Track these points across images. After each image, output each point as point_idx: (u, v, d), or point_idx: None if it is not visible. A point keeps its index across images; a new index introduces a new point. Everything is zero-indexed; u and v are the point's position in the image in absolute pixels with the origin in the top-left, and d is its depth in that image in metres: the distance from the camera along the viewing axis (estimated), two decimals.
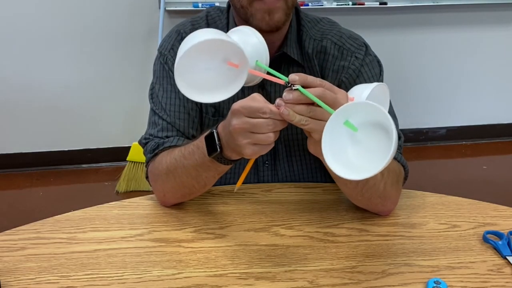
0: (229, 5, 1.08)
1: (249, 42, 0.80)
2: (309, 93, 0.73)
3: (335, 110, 0.71)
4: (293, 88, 0.74)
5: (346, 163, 0.70)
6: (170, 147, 1.00)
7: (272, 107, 0.76)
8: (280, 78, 0.75)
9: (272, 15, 0.93)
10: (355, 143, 0.71)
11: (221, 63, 0.76)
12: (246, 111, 0.76)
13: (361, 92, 0.79)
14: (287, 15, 0.96)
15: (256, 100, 0.77)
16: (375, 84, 0.80)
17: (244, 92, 1.05)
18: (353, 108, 0.69)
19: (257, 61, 0.80)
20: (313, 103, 0.74)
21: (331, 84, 0.76)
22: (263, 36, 0.82)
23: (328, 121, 0.69)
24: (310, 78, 0.75)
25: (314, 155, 0.81)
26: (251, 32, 0.82)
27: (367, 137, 0.70)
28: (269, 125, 0.76)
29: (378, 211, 0.99)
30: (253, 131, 0.76)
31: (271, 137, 0.77)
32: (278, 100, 0.75)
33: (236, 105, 0.78)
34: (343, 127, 0.70)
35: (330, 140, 0.69)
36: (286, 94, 0.74)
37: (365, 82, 1.02)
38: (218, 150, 0.84)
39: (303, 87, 0.74)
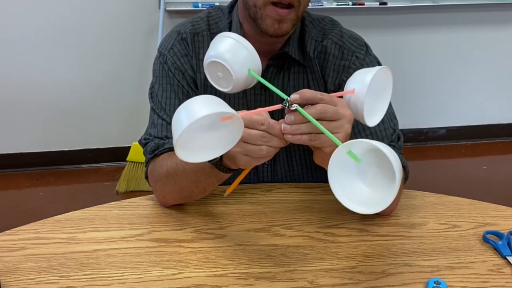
0: (231, 5, 1.08)
1: (239, 55, 0.78)
2: (309, 116, 0.73)
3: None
4: (291, 108, 0.74)
5: (356, 196, 0.69)
6: (170, 149, 1.00)
7: (272, 121, 0.76)
8: (279, 95, 0.75)
9: (281, 24, 0.94)
10: (361, 174, 0.71)
11: (216, 121, 0.71)
12: (246, 121, 0.76)
13: (364, 77, 0.76)
14: (294, 25, 0.97)
15: (259, 114, 0.77)
16: (377, 68, 0.77)
17: (246, 92, 1.05)
18: (355, 142, 0.68)
19: (249, 69, 0.79)
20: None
21: (331, 96, 0.76)
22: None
23: (332, 155, 0.69)
24: (309, 94, 0.75)
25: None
26: (240, 45, 0.79)
27: (371, 167, 0.70)
28: (263, 137, 0.76)
29: None
30: (247, 141, 0.76)
31: (263, 150, 0.76)
32: (283, 124, 0.75)
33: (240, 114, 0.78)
34: (347, 160, 0.69)
35: (338, 174, 0.69)
36: (287, 116, 0.75)
37: None
38: (218, 157, 0.83)
39: (304, 105, 0.74)
